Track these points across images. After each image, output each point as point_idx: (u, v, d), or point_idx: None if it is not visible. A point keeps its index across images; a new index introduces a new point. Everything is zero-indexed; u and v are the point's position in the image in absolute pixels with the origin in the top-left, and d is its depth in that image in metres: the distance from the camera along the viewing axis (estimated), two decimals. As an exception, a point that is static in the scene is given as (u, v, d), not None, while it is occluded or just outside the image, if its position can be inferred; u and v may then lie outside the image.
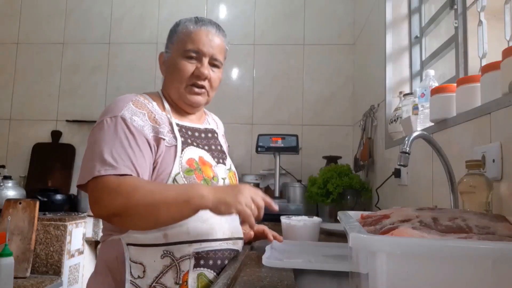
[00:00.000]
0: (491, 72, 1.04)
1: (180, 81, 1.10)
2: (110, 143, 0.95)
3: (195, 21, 1.12)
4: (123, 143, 0.96)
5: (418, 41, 2.00)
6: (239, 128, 2.91)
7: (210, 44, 1.10)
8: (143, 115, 1.02)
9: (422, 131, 1.14)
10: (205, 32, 1.10)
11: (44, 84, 3.05)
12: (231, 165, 1.21)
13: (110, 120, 0.99)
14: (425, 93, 1.49)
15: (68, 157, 2.92)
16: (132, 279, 0.95)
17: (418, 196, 1.56)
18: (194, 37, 1.09)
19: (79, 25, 3.09)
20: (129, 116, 1.00)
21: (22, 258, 2.00)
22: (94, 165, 0.92)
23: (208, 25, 1.11)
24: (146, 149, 0.99)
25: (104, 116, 1.01)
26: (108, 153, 0.93)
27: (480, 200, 0.92)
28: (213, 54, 1.10)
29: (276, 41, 2.98)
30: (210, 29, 1.11)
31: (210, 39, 1.10)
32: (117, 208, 0.89)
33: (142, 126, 1.00)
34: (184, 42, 1.10)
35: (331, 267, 0.97)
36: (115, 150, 0.94)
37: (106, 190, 0.90)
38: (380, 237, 0.51)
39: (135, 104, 1.03)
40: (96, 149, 0.95)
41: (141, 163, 0.96)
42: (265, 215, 2.25)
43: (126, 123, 0.98)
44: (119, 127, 0.97)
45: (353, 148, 2.77)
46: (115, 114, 1.00)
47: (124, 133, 0.97)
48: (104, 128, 0.98)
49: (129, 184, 0.90)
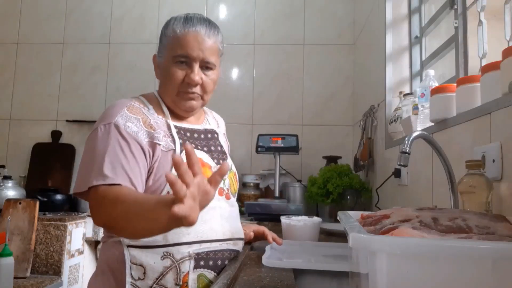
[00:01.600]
0: (491, 72, 1.04)
1: (172, 88, 1.08)
2: (103, 152, 0.95)
3: (184, 22, 1.07)
4: (116, 151, 0.95)
5: (418, 41, 2.00)
6: (239, 128, 2.91)
7: (199, 48, 1.04)
8: (138, 121, 1.01)
9: (422, 131, 1.14)
10: (193, 35, 1.05)
11: (44, 84, 3.05)
12: (231, 165, 1.21)
13: (103, 127, 0.99)
14: (425, 93, 1.49)
15: (68, 157, 2.92)
16: (132, 281, 0.95)
17: (418, 196, 1.56)
18: (182, 42, 1.05)
19: (79, 25, 3.09)
20: (123, 122, 0.99)
21: (22, 258, 2.00)
22: (88, 175, 0.93)
23: (197, 26, 1.06)
24: (140, 155, 0.98)
25: (98, 123, 1.01)
26: (101, 162, 0.93)
27: (480, 200, 0.92)
28: (203, 58, 1.05)
29: (276, 41, 2.98)
30: (199, 31, 1.06)
31: (199, 42, 1.05)
32: (103, 219, 0.92)
33: (136, 132, 0.99)
34: (173, 48, 1.06)
35: (331, 267, 0.97)
36: (108, 160, 0.93)
37: (95, 201, 0.92)
38: (380, 237, 0.51)
39: (129, 110, 1.03)
40: (89, 159, 0.96)
41: (135, 169, 0.96)
42: (265, 215, 2.24)
43: (119, 130, 0.98)
44: (112, 135, 0.97)
45: (353, 148, 2.77)
46: (108, 121, 0.99)
47: (117, 140, 0.96)
48: (98, 136, 0.98)
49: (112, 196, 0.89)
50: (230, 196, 1.13)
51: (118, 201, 0.87)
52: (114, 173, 0.92)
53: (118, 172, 0.93)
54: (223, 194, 1.10)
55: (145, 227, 0.81)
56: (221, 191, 1.09)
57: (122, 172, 0.93)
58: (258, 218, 2.10)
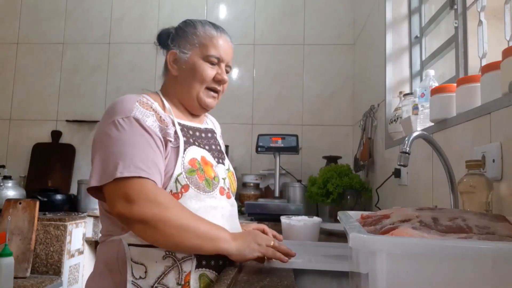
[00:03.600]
0: (491, 72, 1.04)
1: (201, 84, 1.11)
2: (131, 145, 0.93)
3: (213, 26, 1.16)
4: (144, 146, 0.95)
5: (418, 41, 2.00)
6: (239, 128, 2.91)
7: (228, 52, 1.16)
8: (152, 116, 1.01)
9: (422, 131, 1.14)
10: (225, 40, 1.15)
11: (44, 84, 3.05)
12: (229, 165, 1.21)
13: (122, 120, 0.96)
14: (425, 93, 1.49)
15: (68, 157, 2.92)
16: (133, 280, 0.95)
17: (418, 196, 1.56)
18: (216, 43, 1.13)
19: (79, 25, 3.09)
20: (141, 116, 0.98)
21: (22, 258, 2.00)
22: (116, 166, 0.90)
23: (225, 34, 1.17)
24: (162, 150, 0.99)
25: (114, 116, 0.98)
26: (132, 154, 0.92)
27: (480, 200, 0.92)
28: (228, 62, 1.17)
29: (276, 41, 2.98)
30: (226, 37, 1.16)
31: (228, 46, 1.16)
32: (148, 216, 0.89)
33: (154, 127, 0.99)
34: (207, 47, 1.12)
35: (331, 267, 0.97)
36: (138, 153, 0.93)
37: (143, 194, 0.90)
38: (380, 237, 0.51)
39: (141, 105, 1.01)
40: (115, 150, 0.93)
41: (162, 166, 0.97)
42: (265, 215, 2.24)
43: (141, 124, 0.97)
44: (135, 128, 0.96)
45: (353, 148, 2.77)
46: (127, 115, 0.97)
47: (141, 135, 0.96)
48: (119, 129, 0.95)
49: (166, 197, 0.92)
50: (231, 195, 1.14)
51: (175, 205, 0.92)
52: (148, 167, 0.92)
53: (151, 167, 0.93)
54: (224, 193, 1.10)
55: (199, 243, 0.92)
56: (222, 191, 1.09)
57: (156, 169, 0.94)
58: (258, 218, 2.10)
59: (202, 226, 0.93)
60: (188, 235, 0.91)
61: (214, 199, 1.05)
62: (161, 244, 0.94)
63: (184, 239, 0.91)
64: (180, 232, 0.90)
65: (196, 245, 0.92)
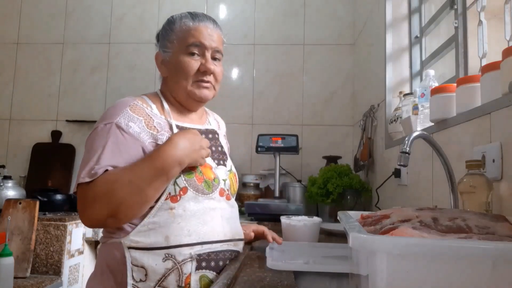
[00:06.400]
0: (491, 72, 1.04)
1: (186, 79, 1.09)
2: (99, 149, 0.95)
3: (191, 17, 1.12)
4: (111, 144, 0.96)
5: (418, 41, 2.00)
6: (239, 128, 2.91)
7: (210, 38, 1.10)
8: (140, 122, 1.01)
9: (422, 131, 1.14)
10: (204, 26, 1.10)
11: (44, 84, 3.05)
12: (231, 166, 1.21)
13: (104, 126, 0.99)
14: (425, 93, 1.49)
15: (68, 157, 2.92)
16: (134, 283, 0.95)
17: (418, 196, 1.56)
18: (194, 32, 1.09)
19: (79, 25, 3.09)
20: (125, 122, 0.99)
21: (22, 258, 1.99)
22: (79, 173, 0.94)
23: (205, 20, 1.12)
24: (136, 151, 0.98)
25: (99, 122, 1.01)
26: (95, 160, 0.93)
27: (480, 200, 0.92)
28: (215, 47, 1.11)
29: (276, 41, 2.98)
30: (207, 24, 1.11)
31: (209, 33, 1.10)
32: (103, 214, 0.90)
33: (138, 133, 0.99)
34: (185, 38, 1.09)
35: (332, 269, 0.97)
36: (102, 155, 0.94)
37: (83, 200, 0.92)
38: (380, 237, 0.51)
39: (132, 110, 1.02)
40: (85, 156, 0.97)
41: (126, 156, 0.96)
42: (265, 215, 2.24)
43: (121, 130, 0.98)
44: (111, 133, 0.97)
45: (353, 148, 2.77)
46: (110, 121, 0.99)
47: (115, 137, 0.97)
48: (97, 134, 0.98)
49: (104, 185, 0.91)
50: (230, 197, 1.14)
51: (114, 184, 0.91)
52: (101, 164, 0.93)
53: (105, 162, 0.94)
54: (224, 195, 1.10)
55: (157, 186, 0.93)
56: (222, 192, 1.09)
57: (110, 159, 0.95)
58: (258, 218, 2.10)
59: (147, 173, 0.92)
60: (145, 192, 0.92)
61: (213, 200, 1.05)
62: (138, 214, 0.94)
63: (146, 196, 0.92)
64: (139, 197, 0.91)
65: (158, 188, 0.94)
